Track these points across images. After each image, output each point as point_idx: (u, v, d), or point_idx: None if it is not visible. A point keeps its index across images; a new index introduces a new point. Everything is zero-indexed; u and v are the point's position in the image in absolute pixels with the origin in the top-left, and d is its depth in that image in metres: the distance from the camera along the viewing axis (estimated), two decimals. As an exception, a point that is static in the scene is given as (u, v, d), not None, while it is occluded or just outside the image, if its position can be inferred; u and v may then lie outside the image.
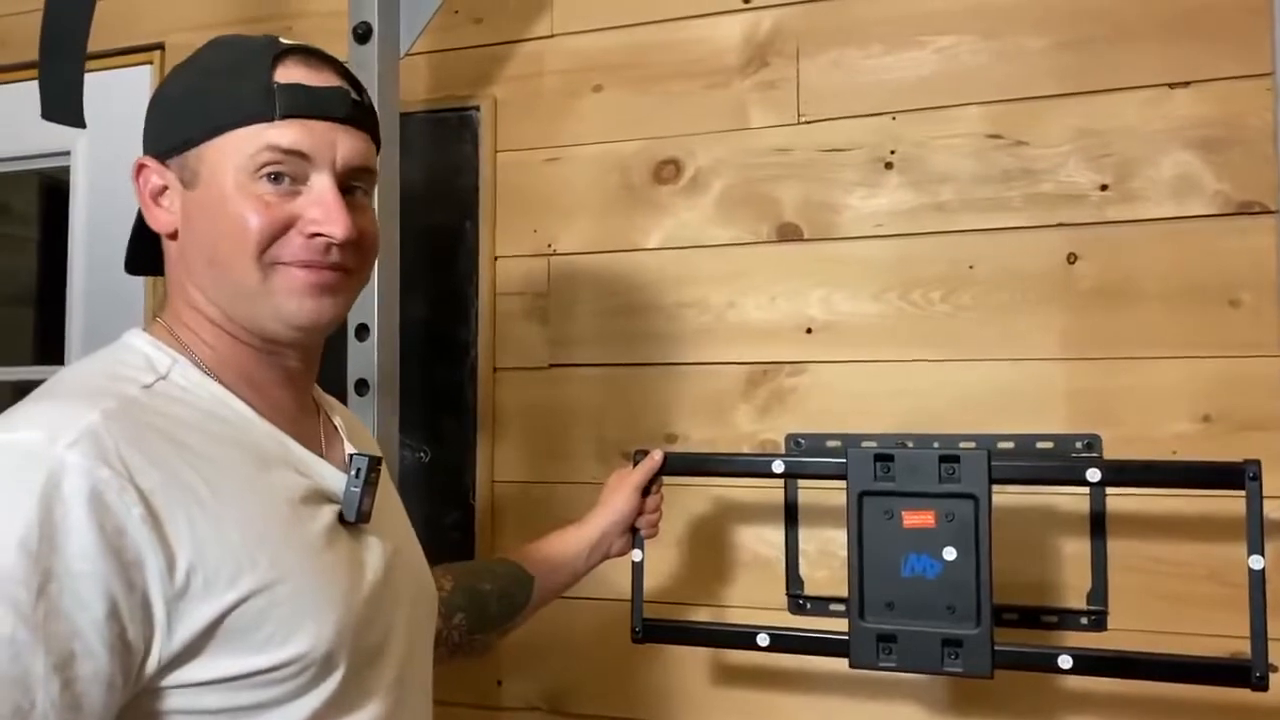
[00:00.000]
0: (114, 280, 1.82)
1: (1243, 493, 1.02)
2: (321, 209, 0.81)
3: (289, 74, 0.82)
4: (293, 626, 0.75)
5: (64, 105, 1.25)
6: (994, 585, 1.08)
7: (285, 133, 0.80)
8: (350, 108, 0.83)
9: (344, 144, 0.82)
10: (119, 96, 1.78)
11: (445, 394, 1.60)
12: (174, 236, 0.85)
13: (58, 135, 1.71)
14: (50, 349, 2.01)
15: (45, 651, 0.66)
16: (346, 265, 0.83)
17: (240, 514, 0.75)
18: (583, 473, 1.53)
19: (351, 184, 0.84)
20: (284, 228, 0.80)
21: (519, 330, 1.58)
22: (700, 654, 1.45)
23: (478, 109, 1.62)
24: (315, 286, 0.82)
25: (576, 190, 1.57)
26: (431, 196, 1.62)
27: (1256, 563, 1.00)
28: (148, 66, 1.83)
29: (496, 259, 1.60)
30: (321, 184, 0.81)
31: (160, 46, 1.82)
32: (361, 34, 1.34)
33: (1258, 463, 1.01)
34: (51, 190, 2.20)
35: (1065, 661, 1.06)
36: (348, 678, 0.78)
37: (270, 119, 0.80)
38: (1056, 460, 1.14)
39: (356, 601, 0.80)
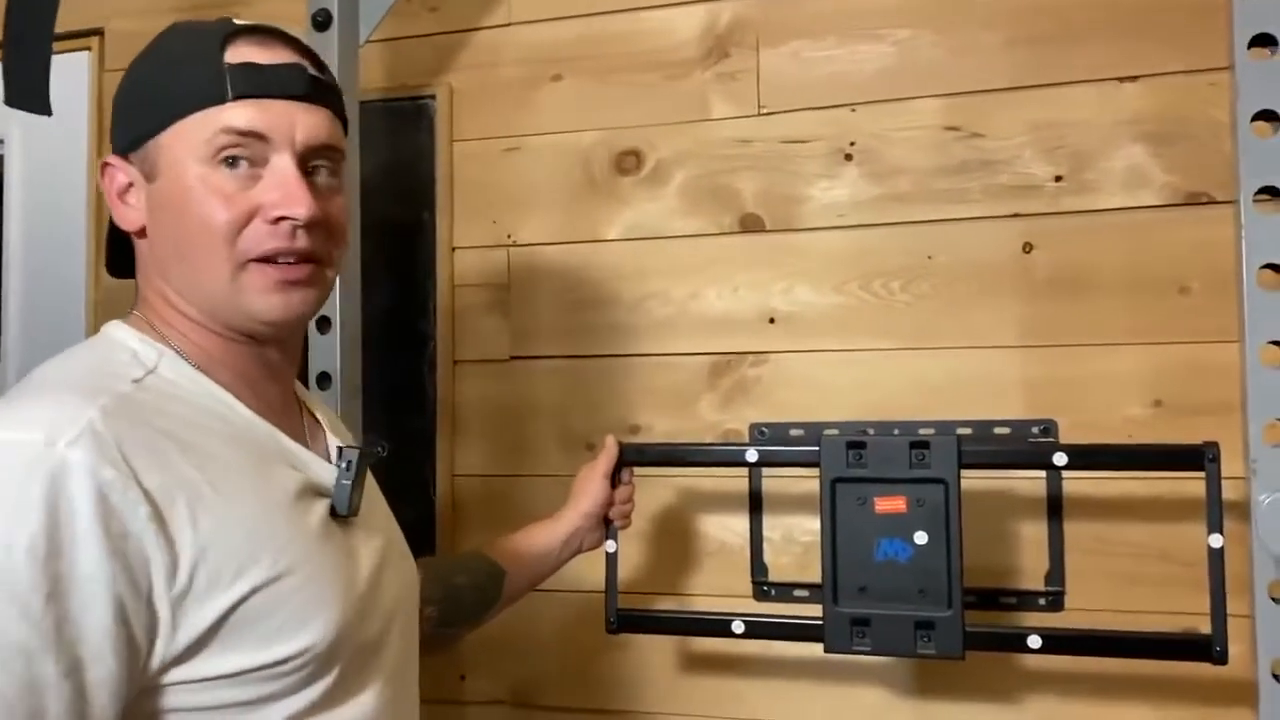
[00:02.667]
0: (52, 272, 1.77)
1: (1202, 474, 1.05)
2: (282, 191, 0.78)
3: (240, 53, 0.79)
4: (297, 622, 0.74)
5: (30, 91, 1.20)
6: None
7: (239, 114, 0.78)
8: (308, 84, 0.81)
9: (303, 122, 0.80)
10: (56, 84, 1.70)
11: (404, 387, 1.58)
12: (142, 234, 0.83)
13: (-10, 123, 1.66)
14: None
15: (55, 658, 0.64)
16: (315, 253, 0.81)
17: (243, 510, 0.74)
18: (545, 466, 1.52)
19: (315, 164, 0.82)
20: (247, 218, 0.78)
21: (479, 322, 1.57)
22: (667, 643, 1.45)
23: (433, 98, 1.60)
24: (284, 283, 0.80)
25: (536, 181, 1.56)
26: (388, 187, 1.59)
27: (1216, 541, 1.04)
28: (86, 53, 1.77)
29: (455, 250, 1.59)
30: (281, 165, 0.79)
31: (99, 32, 1.76)
32: (321, 21, 1.31)
33: (1216, 445, 1.05)
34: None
35: (1034, 641, 1.09)
36: (345, 672, 0.78)
37: (223, 101, 0.78)
38: (1022, 445, 1.16)
39: (354, 596, 0.80)
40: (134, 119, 0.82)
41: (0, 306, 1.81)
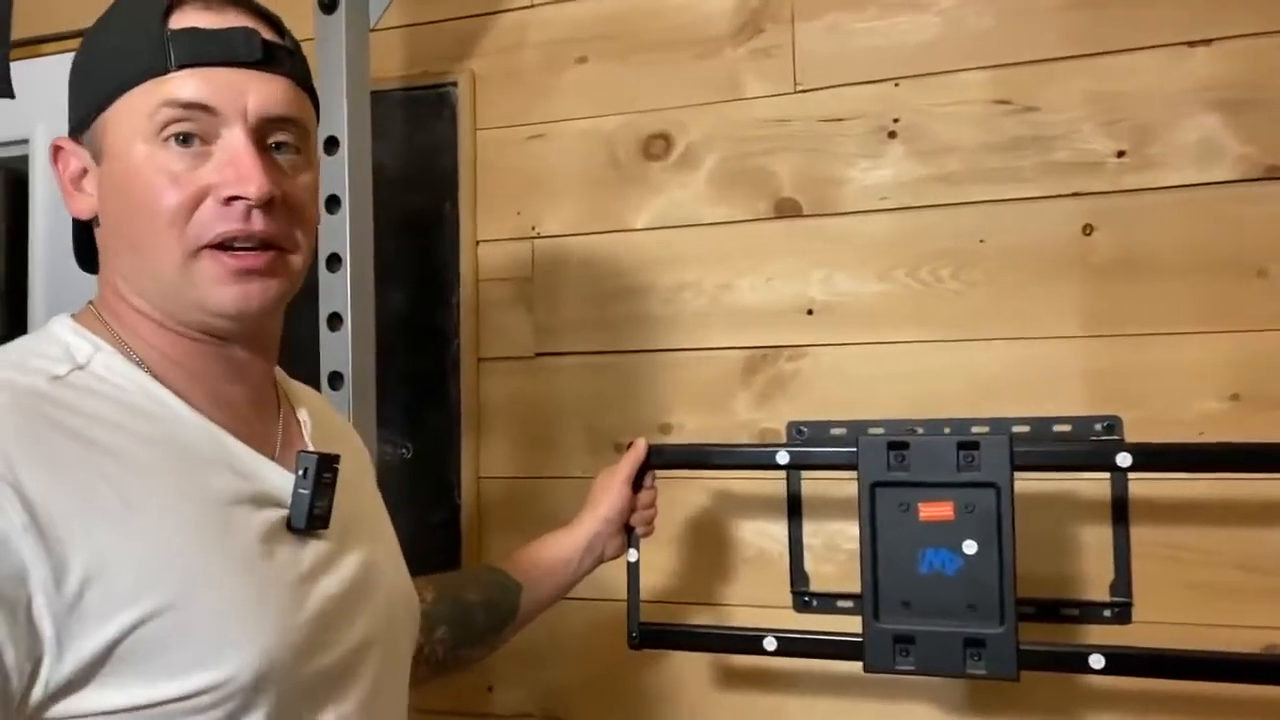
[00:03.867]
0: (79, 272, 1.74)
1: (1285, 476, 0.94)
2: (234, 168, 0.71)
3: (185, 19, 0.72)
4: (208, 649, 0.66)
5: None
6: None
7: (184, 84, 0.70)
8: (261, 49, 0.73)
9: (256, 91, 0.72)
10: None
11: (426, 386, 1.52)
12: (97, 222, 0.76)
13: (14, 122, 1.62)
14: (12, 346, 1.92)
15: None
16: (274, 238, 0.73)
17: (153, 522, 0.66)
18: (573, 467, 1.45)
19: (276, 140, 0.74)
20: (197, 200, 0.71)
21: (503, 318, 1.50)
22: (701, 656, 1.37)
23: (455, 85, 1.53)
24: (241, 271, 0.72)
25: (561, 169, 1.48)
26: (408, 178, 1.53)
27: (1304, 551, 0.93)
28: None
29: (478, 243, 1.52)
30: (232, 139, 0.71)
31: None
32: (327, 4, 1.25)
33: (1305, 443, 0.94)
34: (14, 182, 2.11)
35: (1097, 661, 0.99)
36: (284, 708, 0.68)
37: (165, 72, 0.71)
38: (1081, 445, 1.06)
39: (297, 623, 0.71)
40: (79, 97, 0.76)
41: (26, 306, 1.79)
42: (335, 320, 1.25)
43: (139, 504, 0.66)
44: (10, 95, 1.20)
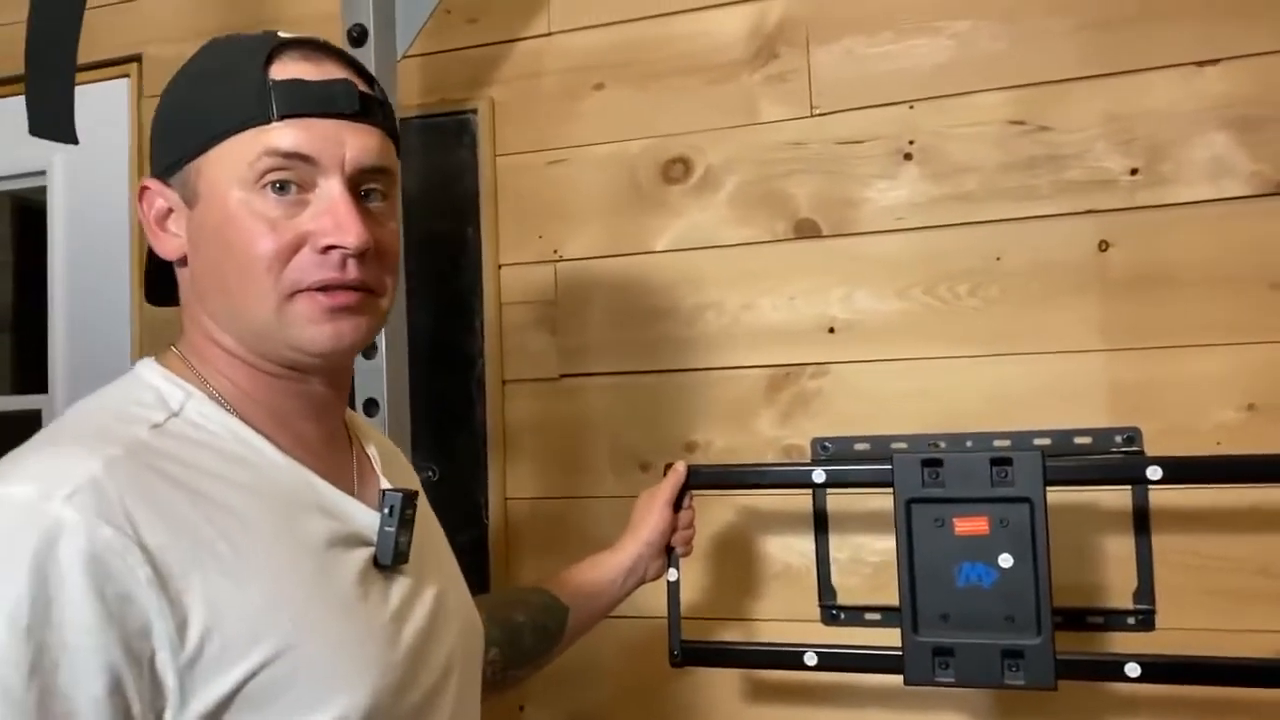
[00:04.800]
0: (98, 303, 1.75)
1: (1310, 485, 0.97)
2: (331, 217, 0.72)
3: (286, 69, 0.74)
4: (322, 692, 0.67)
5: (54, 120, 1.17)
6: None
7: (285, 134, 0.72)
8: (359, 101, 0.75)
9: (353, 143, 0.74)
10: (95, 112, 1.68)
11: (452, 409, 1.54)
12: (183, 262, 0.77)
13: (32, 154, 1.64)
14: (31, 377, 1.93)
15: None
16: (366, 283, 0.75)
17: (263, 569, 0.68)
18: (600, 487, 1.47)
19: (367, 187, 0.76)
20: (295, 247, 0.72)
21: (527, 340, 1.52)
22: (732, 671, 1.39)
23: (475, 112, 1.56)
24: (333, 310, 0.73)
25: (582, 193, 1.51)
26: (430, 204, 1.55)
27: (1331, 559, 0.95)
28: (124, 80, 1.75)
29: (501, 267, 1.54)
30: (330, 189, 0.73)
31: (138, 58, 1.74)
32: (356, 36, 1.27)
33: (1328, 454, 0.97)
34: (25, 211, 2.12)
35: (1133, 670, 1.01)
36: None
37: (267, 121, 0.72)
38: (1112, 458, 1.08)
39: (395, 660, 0.73)
40: (172, 141, 0.76)
41: (47, 337, 1.79)
42: (370, 349, 1.27)
43: (248, 553, 0.68)
44: (74, 141, 1.20)
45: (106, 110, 1.73)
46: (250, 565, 0.67)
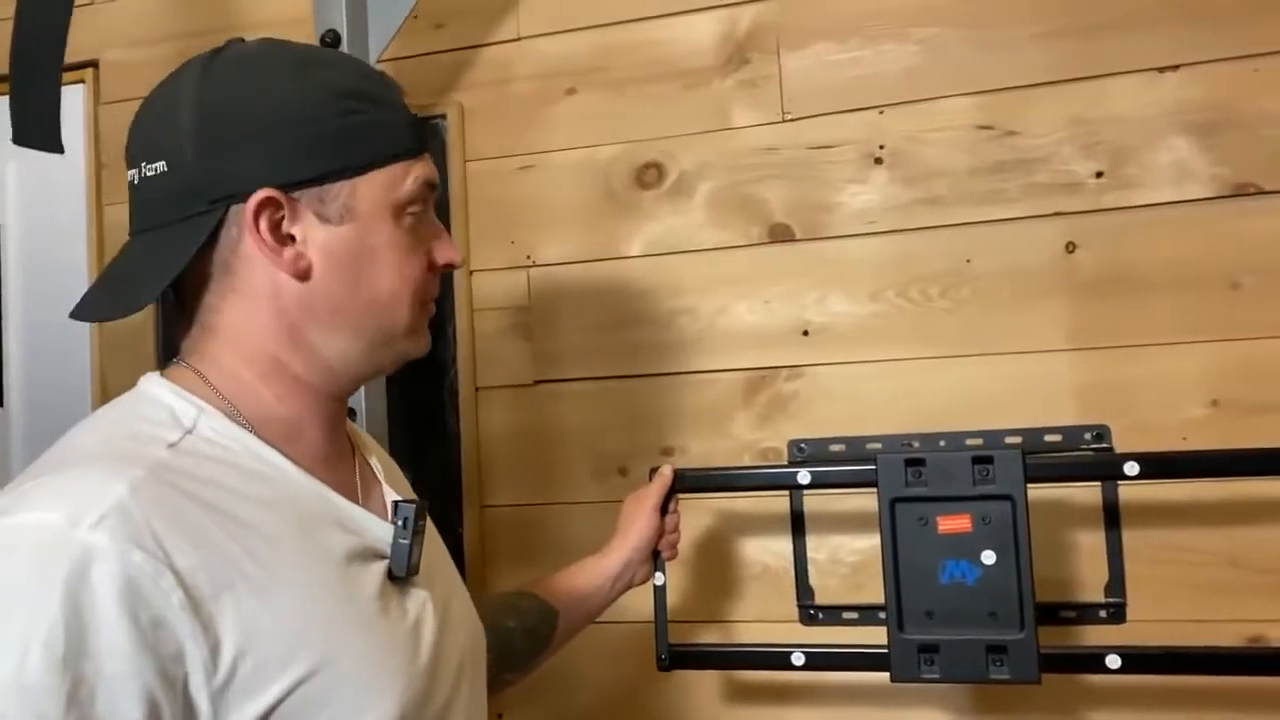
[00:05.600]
0: (55, 315, 1.70)
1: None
2: (443, 241, 0.81)
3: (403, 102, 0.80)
4: (353, 708, 0.67)
5: (39, 129, 1.14)
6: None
7: (427, 168, 0.78)
8: None
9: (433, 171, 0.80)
10: (51, 118, 1.66)
11: (425, 417, 1.52)
12: (304, 277, 0.74)
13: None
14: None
15: None
16: None
17: (291, 587, 0.67)
18: (578, 493, 1.47)
19: None
20: (428, 270, 0.80)
21: (501, 347, 1.52)
22: (713, 673, 1.40)
23: (444, 117, 1.55)
24: (429, 321, 0.82)
25: (554, 198, 1.51)
26: (401, 211, 1.54)
27: (1303, 549, 0.99)
28: (81, 85, 1.71)
29: (472, 273, 1.53)
30: (431, 214, 0.80)
31: (94, 64, 1.70)
32: (330, 42, 1.26)
33: (1298, 447, 1.00)
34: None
35: (1114, 661, 1.04)
36: None
37: (417, 154, 0.78)
38: (1091, 455, 1.11)
39: (418, 671, 0.73)
40: (314, 153, 0.73)
41: (1, 351, 1.74)
42: (347, 356, 1.25)
43: (276, 571, 0.67)
44: (60, 150, 1.17)
45: (63, 117, 1.68)
46: (279, 583, 0.67)
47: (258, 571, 0.66)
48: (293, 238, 0.74)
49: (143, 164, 0.74)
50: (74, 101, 1.71)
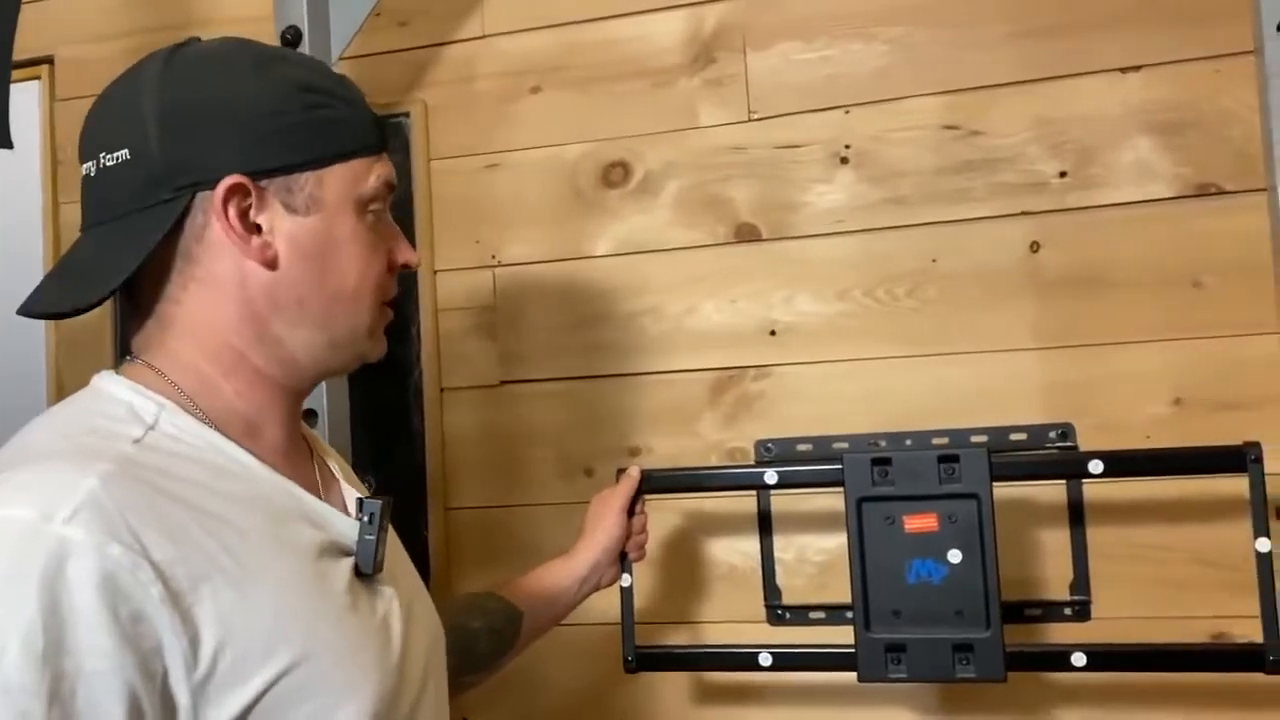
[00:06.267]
0: (8, 316, 1.67)
1: (1239, 474, 1.01)
2: (401, 242, 0.81)
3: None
4: (327, 704, 0.66)
5: None
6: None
7: (387, 167, 0.79)
8: None
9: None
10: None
11: (389, 418, 1.51)
12: (271, 266, 0.73)
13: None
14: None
15: None
16: None
17: (267, 581, 0.66)
18: (545, 493, 1.46)
19: None
20: (389, 266, 0.80)
21: (465, 347, 1.50)
22: (680, 674, 1.39)
23: (407, 115, 1.53)
24: (387, 322, 0.82)
25: (519, 197, 1.49)
26: (364, 210, 1.52)
27: (1263, 545, 0.99)
28: (35, 82, 1.68)
29: (436, 273, 1.52)
30: (389, 217, 0.80)
31: (49, 60, 1.67)
32: (290, 39, 1.24)
33: (1258, 445, 1.01)
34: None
35: (1079, 659, 1.04)
36: None
37: (378, 152, 0.78)
38: (1056, 454, 1.11)
39: (389, 668, 0.72)
40: (283, 142, 0.72)
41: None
42: (308, 357, 1.23)
43: (250, 565, 0.66)
44: (8, 145, 1.15)
45: (17, 114, 1.64)
46: (254, 577, 0.66)
47: (233, 565, 0.65)
48: (259, 227, 0.73)
49: (101, 155, 0.73)
50: (29, 98, 1.68)
